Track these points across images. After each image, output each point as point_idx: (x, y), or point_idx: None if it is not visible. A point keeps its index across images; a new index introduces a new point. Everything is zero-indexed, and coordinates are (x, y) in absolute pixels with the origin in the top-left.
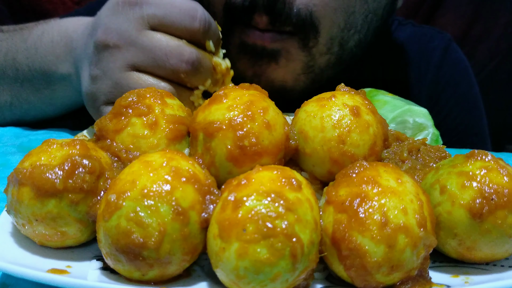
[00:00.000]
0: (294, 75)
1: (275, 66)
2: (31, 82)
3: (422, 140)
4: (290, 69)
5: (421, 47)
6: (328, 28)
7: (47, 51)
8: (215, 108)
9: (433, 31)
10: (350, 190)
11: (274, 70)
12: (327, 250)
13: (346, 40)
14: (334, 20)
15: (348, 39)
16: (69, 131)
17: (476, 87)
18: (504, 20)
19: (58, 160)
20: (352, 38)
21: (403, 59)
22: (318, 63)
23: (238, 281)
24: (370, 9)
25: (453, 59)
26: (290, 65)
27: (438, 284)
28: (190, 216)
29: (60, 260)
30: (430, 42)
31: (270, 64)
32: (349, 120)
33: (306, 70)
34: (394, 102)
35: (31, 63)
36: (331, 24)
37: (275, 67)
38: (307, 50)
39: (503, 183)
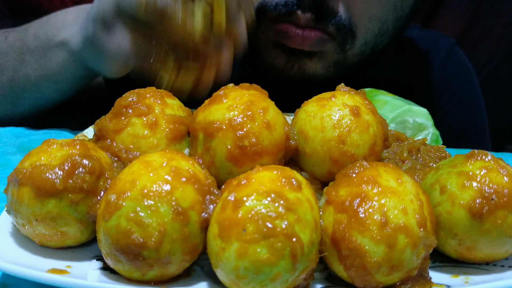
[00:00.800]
0: (325, 66)
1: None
2: (32, 53)
3: (422, 140)
4: (322, 62)
5: (425, 48)
6: (364, 34)
7: (58, 19)
8: (215, 108)
9: (438, 34)
10: (350, 190)
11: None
12: (327, 250)
13: (378, 44)
14: (370, 27)
15: (380, 43)
16: (69, 131)
17: (478, 89)
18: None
19: (58, 160)
20: (382, 42)
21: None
22: (349, 62)
23: (238, 281)
24: (398, 16)
25: (456, 60)
26: (323, 61)
27: (438, 284)
28: (190, 216)
29: (60, 260)
30: (434, 44)
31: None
32: (349, 120)
33: (337, 65)
34: (394, 102)
35: (39, 32)
36: (366, 30)
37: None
38: (342, 52)
39: (503, 183)
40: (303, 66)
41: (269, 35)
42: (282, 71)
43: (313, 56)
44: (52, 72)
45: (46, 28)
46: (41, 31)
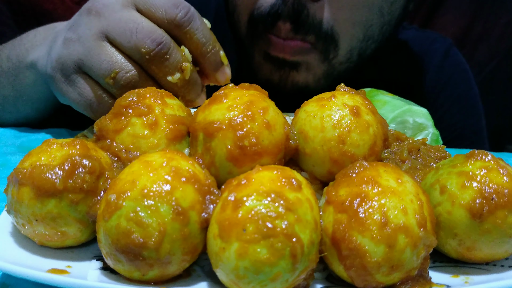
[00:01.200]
0: (315, 78)
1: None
2: (6, 74)
3: (422, 140)
4: (311, 75)
5: (423, 49)
6: (348, 41)
7: (28, 40)
8: (215, 108)
9: (435, 35)
10: (350, 190)
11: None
12: (327, 250)
13: (364, 50)
14: (354, 33)
15: (366, 48)
16: (69, 131)
17: (475, 89)
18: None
19: (58, 160)
20: (369, 47)
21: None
22: (338, 70)
23: (238, 281)
24: (385, 20)
25: (453, 61)
26: (311, 72)
27: (438, 284)
28: (190, 216)
29: (60, 260)
30: (432, 45)
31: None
32: (349, 120)
33: (326, 76)
34: (394, 102)
35: (11, 53)
36: (350, 37)
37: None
38: (327, 61)
39: (503, 183)
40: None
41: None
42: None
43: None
44: (25, 93)
45: (17, 49)
46: (13, 53)
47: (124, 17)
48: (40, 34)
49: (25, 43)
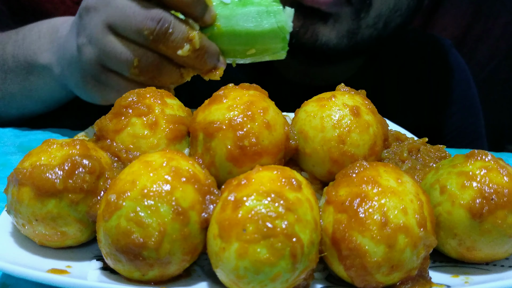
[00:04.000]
0: (338, 35)
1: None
2: (14, 73)
3: (422, 140)
4: (336, 30)
5: (422, 50)
6: (380, 5)
7: (32, 41)
8: (215, 108)
9: (434, 36)
10: (350, 190)
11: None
12: (327, 250)
13: (390, 20)
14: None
15: (393, 19)
16: (69, 131)
17: (474, 89)
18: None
19: (58, 160)
20: (395, 20)
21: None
22: (362, 33)
23: (238, 281)
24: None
25: (452, 61)
26: (337, 26)
27: (438, 284)
28: (190, 216)
29: (60, 260)
30: (431, 46)
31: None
32: (349, 120)
33: (350, 35)
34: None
35: (16, 53)
36: (382, 1)
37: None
38: (357, 20)
39: (503, 183)
40: (316, 33)
41: None
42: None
43: (327, 20)
44: (36, 93)
45: (23, 50)
46: (19, 53)
47: (118, 3)
48: (45, 36)
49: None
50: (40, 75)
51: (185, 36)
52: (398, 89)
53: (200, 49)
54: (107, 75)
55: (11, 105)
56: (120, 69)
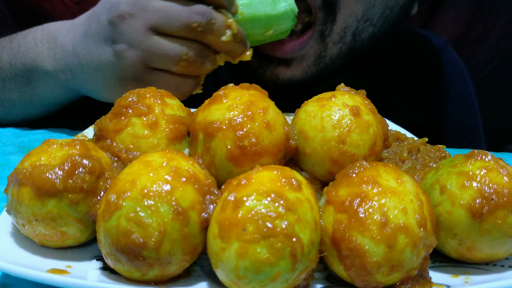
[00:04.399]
0: (304, 69)
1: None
2: (13, 80)
3: (422, 140)
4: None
5: (417, 48)
6: (346, 17)
7: (29, 48)
8: (215, 108)
9: (430, 34)
10: (350, 190)
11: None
12: (327, 250)
13: (360, 31)
14: (354, 9)
15: (363, 30)
16: (69, 131)
17: (471, 88)
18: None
19: (58, 160)
20: (366, 30)
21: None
22: (330, 53)
23: (238, 281)
24: (389, 5)
25: (449, 60)
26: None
27: (438, 284)
28: (190, 216)
29: (60, 260)
30: (426, 44)
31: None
32: (349, 120)
33: (317, 61)
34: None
35: (14, 60)
36: (349, 13)
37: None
38: (322, 40)
39: (503, 183)
40: (277, 73)
41: None
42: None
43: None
44: (37, 99)
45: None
46: (16, 61)
47: (157, 5)
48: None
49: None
50: (42, 81)
51: (225, 24)
52: (394, 89)
53: (237, 34)
54: (151, 74)
55: (11, 111)
56: (168, 65)
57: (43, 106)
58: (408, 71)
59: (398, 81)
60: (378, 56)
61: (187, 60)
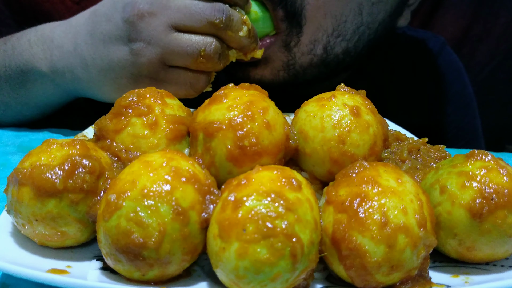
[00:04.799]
0: (273, 72)
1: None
2: (7, 82)
3: (422, 140)
4: (269, 68)
5: (415, 48)
6: (314, 30)
7: (24, 50)
8: (215, 108)
9: (428, 34)
10: (350, 190)
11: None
12: (327, 250)
13: (332, 46)
14: (322, 24)
15: (335, 45)
16: (69, 131)
17: (469, 87)
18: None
19: (58, 160)
20: (339, 45)
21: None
22: (300, 62)
23: (238, 281)
24: (364, 22)
25: (447, 60)
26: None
27: (438, 284)
28: (190, 216)
29: (60, 260)
30: (424, 44)
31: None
32: (349, 120)
33: (287, 67)
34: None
35: (8, 62)
36: (317, 27)
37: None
38: (288, 50)
39: (503, 183)
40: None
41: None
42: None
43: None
44: (33, 100)
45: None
46: (11, 62)
47: (179, 3)
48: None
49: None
50: (37, 82)
51: (241, 20)
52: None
53: (251, 30)
54: (167, 72)
55: (6, 114)
56: (186, 61)
57: (39, 108)
58: (408, 71)
59: (397, 81)
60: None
61: (205, 56)
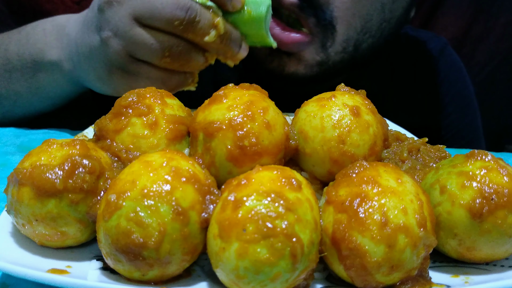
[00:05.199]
0: (307, 67)
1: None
2: (20, 72)
3: (422, 140)
4: (303, 63)
5: (417, 48)
6: (346, 30)
7: (38, 39)
8: (215, 108)
9: (430, 34)
10: (350, 190)
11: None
12: (327, 250)
13: (360, 43)
14: (352, 23)
15: (363, 42)
16: (69, 131)
17: (470, 88)
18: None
19: (58, 160)
20: (366, 41)
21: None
22: (333, 60)
23: (238, 281)
24: (386, 18)
25: (448, 60)
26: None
27: (438, 284)
28: (190, 216)
29: (60, 260)
30: (426, 44)
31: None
32: (349, 120)
33: (320, 65)
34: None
35: (21, 51)
36: (348, 26)
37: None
38: (324, 50)
39: (503, 183)
40: (283, 63)
41: None
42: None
43: (291, 56)
44: (44, 91)
45: (28, 48)
46: (24, 51)
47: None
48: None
49: (35, 42)
50: (48, 71)
51: (210, 23)
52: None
53: (224, 35)
54: (136, 65)
55: (17, 104)
56: (151, 59)
57: (49, 99)
58: (408, 71)
59: (398, 81)
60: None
61: (170, 56)
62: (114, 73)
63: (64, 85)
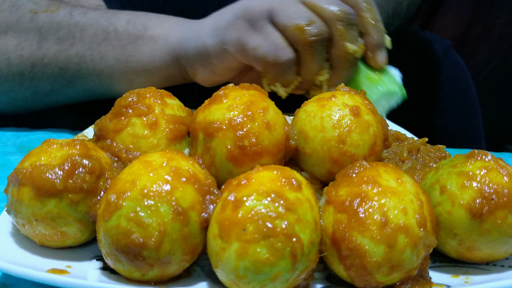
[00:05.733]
0: None
1: None
2: (119, 36)
3: (422, 140)
4: None
5: (421, 50)
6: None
7: (152, 22)
8: (215, 108)
9: (434, 36)
10: (350, 190)
11: None
12: (327, 250)
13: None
14: (385, 8)
15: (391, 25)
16: (69, 131)
17: (472, 89)
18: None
19: (58, 160)
20: (393, 24)
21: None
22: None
23: (238, 281)
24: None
25: (451, 61)
26: None
27: (438, 284)
28: (190, 216)
29: (60, 260)
30: (430, 46)
31: None
32: (349, 120)
33: None
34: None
35: (132, 19)
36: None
37: None
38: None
39: (503, 183)
40: None
41: None
42: None
43: None
44: (135, 60)
45: (143, 19)
46: (137, 20)
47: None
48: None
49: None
50: (150, 42)
51: (357, 39)
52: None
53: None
54: (265, 23)
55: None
56: (286, 22)
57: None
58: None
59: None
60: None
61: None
62: (236, 23)
63: (160, 61)
